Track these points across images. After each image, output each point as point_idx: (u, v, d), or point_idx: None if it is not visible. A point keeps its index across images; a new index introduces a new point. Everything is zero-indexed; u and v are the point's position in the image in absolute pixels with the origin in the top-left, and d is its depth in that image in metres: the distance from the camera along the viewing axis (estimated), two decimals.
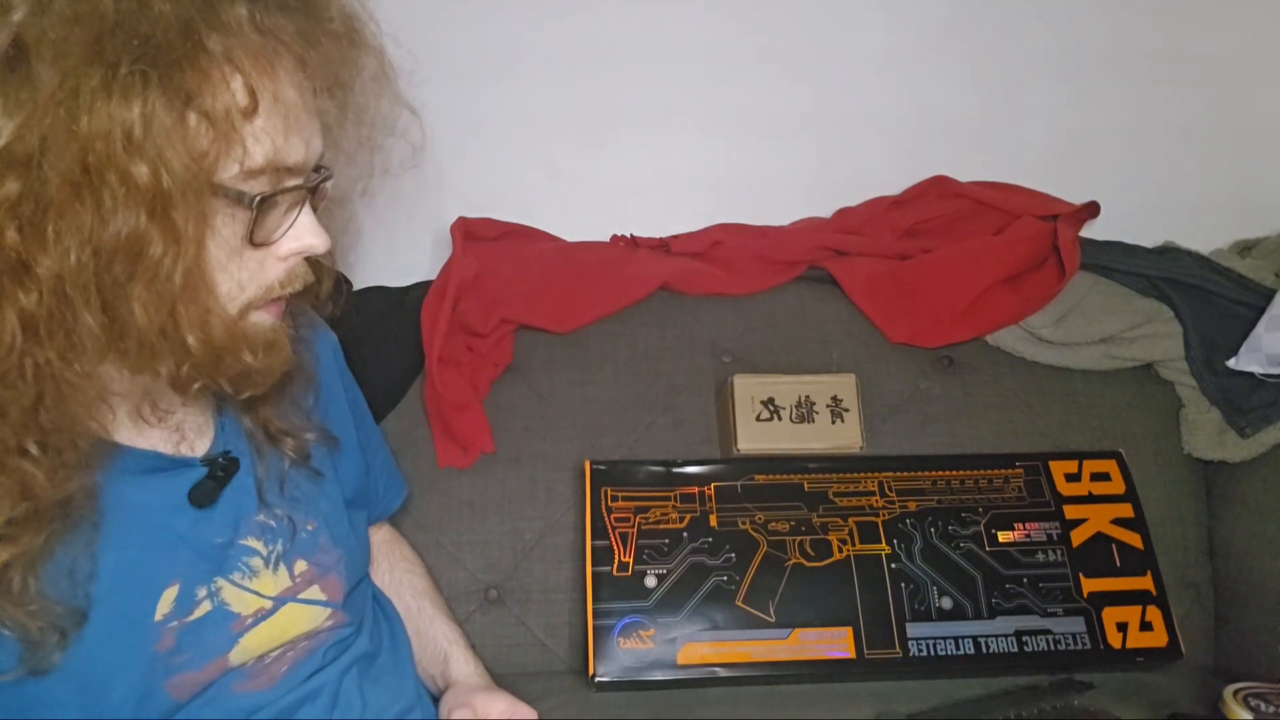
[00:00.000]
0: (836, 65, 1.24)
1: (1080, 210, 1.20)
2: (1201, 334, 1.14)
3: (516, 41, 1.20)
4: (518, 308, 1.13)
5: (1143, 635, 0.96)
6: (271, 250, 0.59)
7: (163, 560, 0.63)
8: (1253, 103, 1.27)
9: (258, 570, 0.69)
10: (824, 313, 1.19)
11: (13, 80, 0.48)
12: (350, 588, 0.78)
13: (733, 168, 1.27)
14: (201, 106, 0.51)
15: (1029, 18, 1.23)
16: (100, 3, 0.48)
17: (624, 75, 1.22)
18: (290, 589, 0.71)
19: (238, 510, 0.69)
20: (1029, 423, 1.13)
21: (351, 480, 0.85)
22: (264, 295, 0.60)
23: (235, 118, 0.52)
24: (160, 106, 0.49)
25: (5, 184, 0.48)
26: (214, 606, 0.66)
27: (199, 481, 0.66)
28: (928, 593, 0.96)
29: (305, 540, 0.73)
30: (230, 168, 0.54)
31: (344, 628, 0.77)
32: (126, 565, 0.61)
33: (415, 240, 1.24)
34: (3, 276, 0.50)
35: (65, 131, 0.48)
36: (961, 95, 1.25)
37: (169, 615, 0.63)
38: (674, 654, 0.92)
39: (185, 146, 0.51)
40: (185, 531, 0.65)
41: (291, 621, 0.71)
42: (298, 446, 0.74)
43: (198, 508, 0.66)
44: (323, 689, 0.73)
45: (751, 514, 0.99)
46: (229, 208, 0.55)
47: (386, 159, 0.74)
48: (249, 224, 0.56)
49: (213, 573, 0.66)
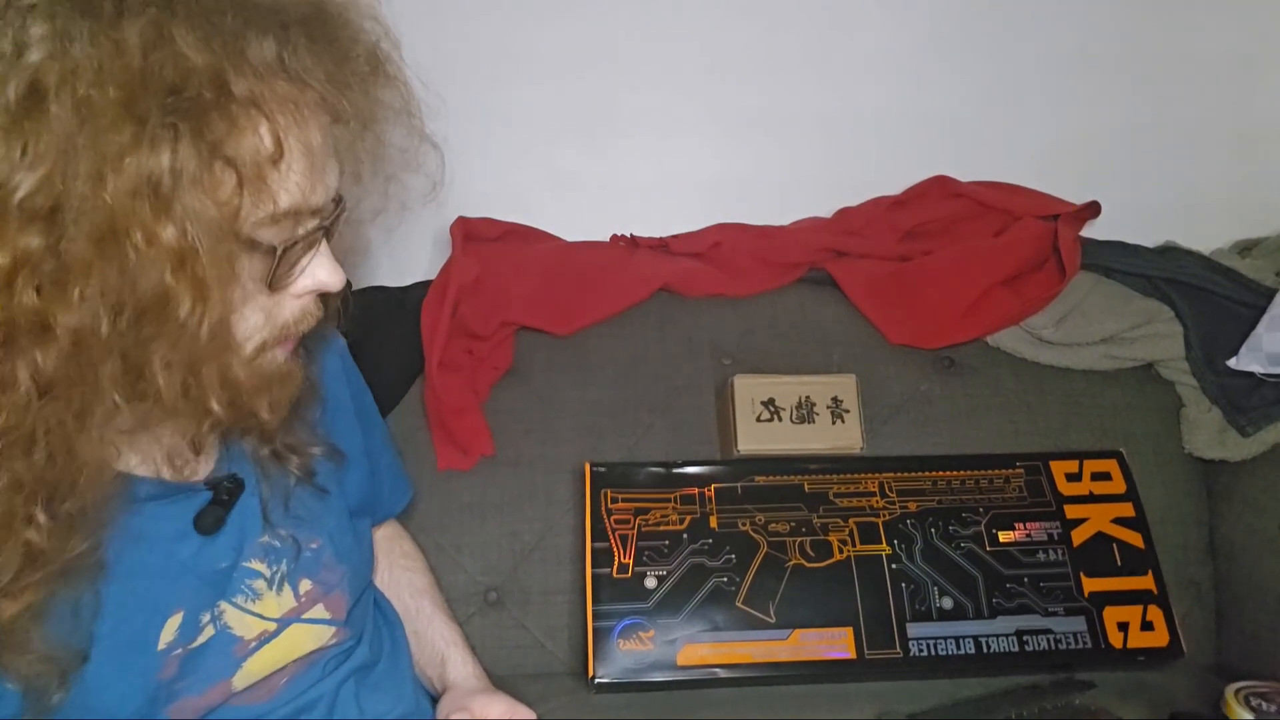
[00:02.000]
0: (837, 65, 1.24)
1: (1081, 210, 1.20)
2: (1202, 334, 1.13)
3: (517, 42, 1.20)
4: (518, 310, 1.13)
5: (1144, 634, 0.96)
6: (288, 290, 0.58)
7: (167, 589, 0.62)
8: (1253, 103, 1.27)
9: (261, 593, 0.68)
10: (824, 314, 1.19)
11: (30, 127, 0.45)
12: (354, 602, 0.77)
13: (733, 168, 1.27)
14: (228, 155, 0.49)
15: (1029, 18, 1.23)
16: (127, 52, 0.46)
17: (624, 75, 1.22)
18: (294, 609, 0.70)
19: (242, 533, 0.67)
20: (1029, 423, 1.12)
21: (357, 491, 0.84)
22: (278, 335, 0.59)
23: (263, 165, 0.51)
24: (188, 158, 0.47)
25: (26, 238, 0.45)
26: (217, 631, 0.65)
27: (204, 508, 0.64)
28: (928, 593, 0.96)
29: (309, 559, 0.72)
30: (255, 215, 0.52)
31: (346, 641, 0.76)
32: (130, 596, 0.60)
33: (415, 240, 1.24)
34: (20, 336, 0.47)
35: (92, 187, 0.45)
36: (961, 95, 1.25)
37: (173, 643, 0.62)
38: (674, 655, 0.92)
39: (213, 197, 0.49)
40: (189, 559, 0.64)
41: (296, 643, 0.70)
42: (303, 464, 0.72)
43: (203, 535, 0.64)
44: (320, 700, 0.72)
45: (752, 515, 0.99)
46: (251, 255, 0.53)
47: (405, 192, 0.72)
48: (270, 270, 0.54)
49: (216, 597, 0.65)
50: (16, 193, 0.45)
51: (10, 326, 0.47)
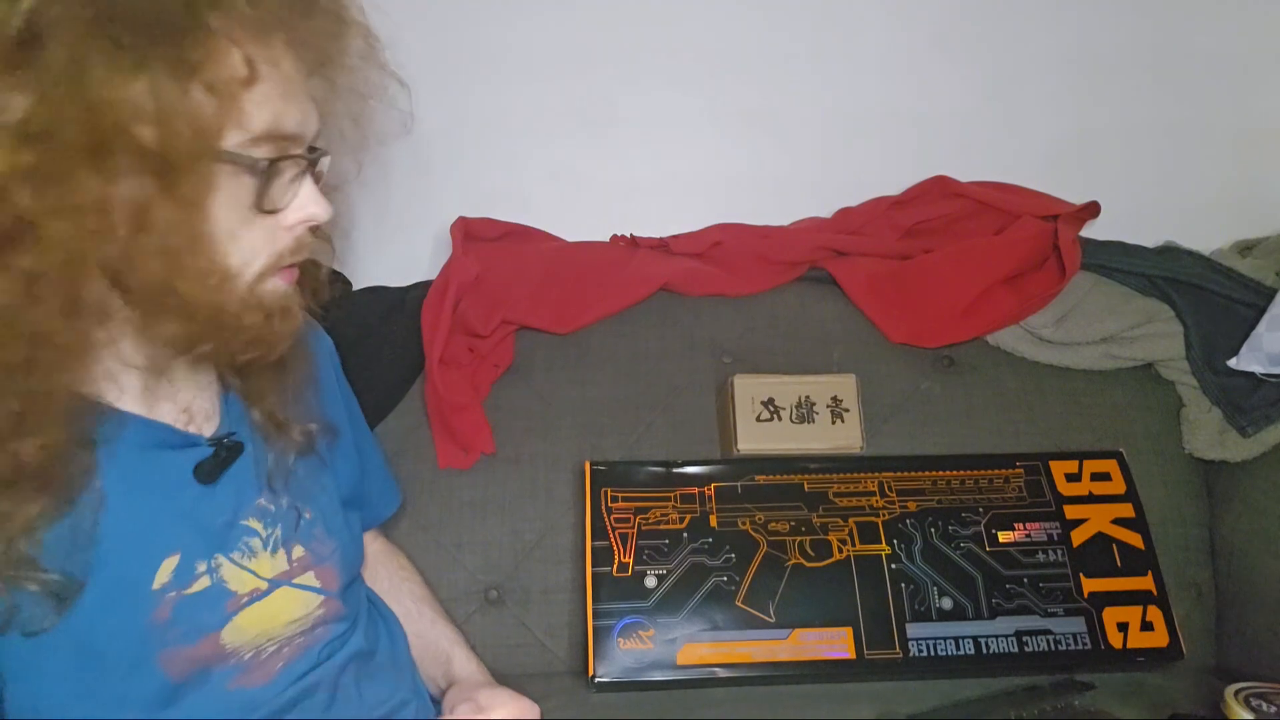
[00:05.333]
0: (837, 65, 1.24)
1: (1081, 210, 1.20)
2: (1202, 334, 1.13)
3: (517, 41, 1.20)
4: (518, 308, 1.13)
5: (1143, 635, 0.96)
6: (279, 220, 0.62)
7: (164, 531, 0.65)
8: (1253, 103, 1.27)
9: (256, 551, 0.71)
10: (824, 313, 1.19)
11: (25, 61, 0.51)
12: (345, 581, 0.79)
13: (733, 168, 1.27)
14: (204, 78, 0.54)
15: (1029, 18, 1.23)
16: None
17: (625, 75, 1.22)
18: (286, 573, 0.73)
19: (240, 492, 0.71)
20: (1029, 423, 1.12)
21: (348, 479, 0.86)
22: (275, 263, 0.63)
23: (236, 88, 0.56)
24: (165, 80, 0.53)
25: (21, 155, 0.52)
26: (212, 582, 0.67)
27: (204, 459, 0.68)
28: (928, 593, 0.96)
29: (304, 527, 0.75)
30: (234, 136, 0.57)
31: (339, 622, 0.77)
32: (129, 533, 0.63)
33: (415, 240, 1.24)
34: (15, 239, 0.53)
35: (76, 105, 0.51)
36: (962, 95, 1.25)
37: (167, 585, 0.65)
38: (674, 654, 0.92)
39: (190, 116, 0.54)
40: (188, 506, 0.67)
41: (284, 606, 0.72)
42: (304, 432, 0.77)
43: (202, 483, 0.68)
44: (320, 684, 0.74)
45: (751, 514, 0.99)
46: (236, 175, 0.58)
47: (379, 130, 0.77)
48: (256, 191, 0.59)
49: (214, 549, 0.68)
50: (11, 115, 0.51)
51: (4, 231, 0.52)
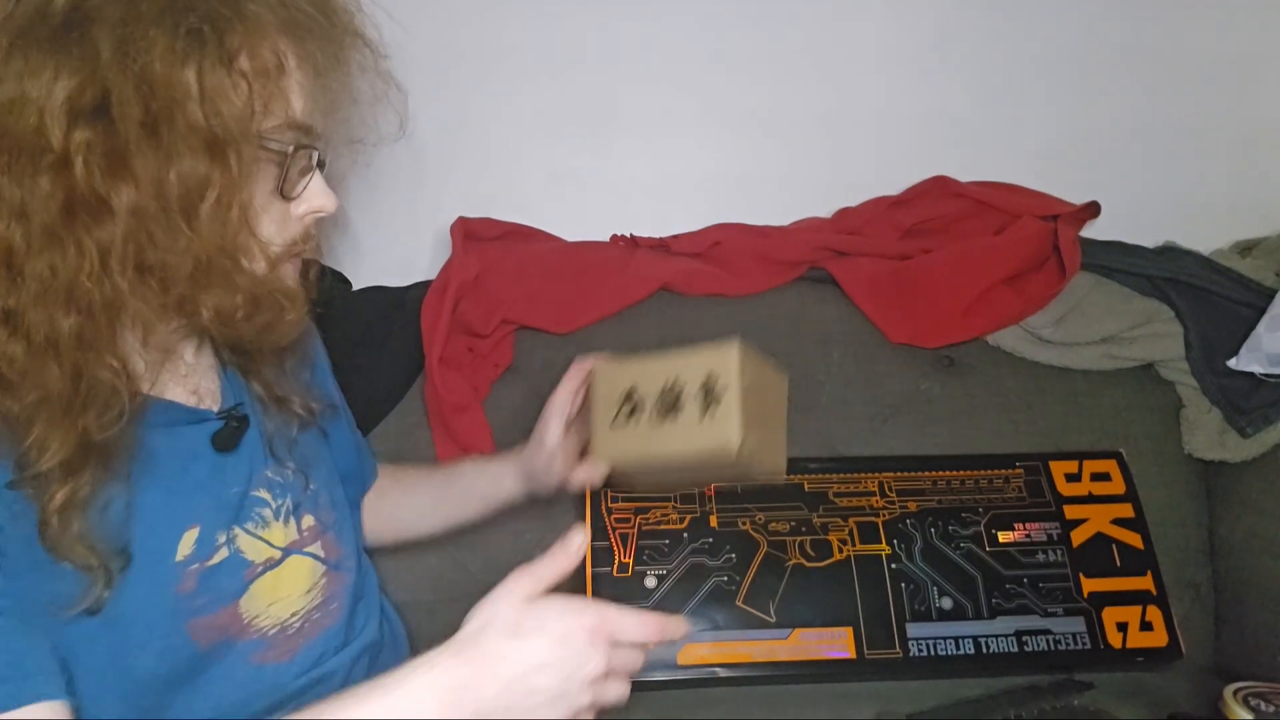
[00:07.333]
0: (837, 65, 1.24)
1: (1081, 210, 1.20)
2: (1202, 334, 1.13)
3: (517, 41, 1.19)
4: (518, 308, 1.13)
5: (1143, 635, 0.96)
6: (291, 209, 0.66)
7: (184, 503, 0.68)
8: (1253, 103, 1.27)
9: (268, 521, 0.73)
10: (824, 313, 1.19)
11: (69, 43, 0.54)
12: (344, 552, 0.81)
13: (733, 168, 1.27)
14: (243, 66, 0.58)
15: (1029, 18, 1.23)
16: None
17: (624, 75, 1.22)
18: (297, 542, 0.75)
19: (250, 463, 0.74)
20: (1029, 423, 1.12)
21: (343, 453, 0.90)
22: (288, 250, 0.67)
23: (269, 77, 0.60)
24: (212, 65, 0.57)
25: (76, 132, 0.55)
26: (230, 553, 0.69)
27: (219, 429, 0.72)
28: (928, 593, 0.96)
29: (310, 496, 0.78)
30: (268, 121, 0.61)
31: (351, 598, 0.80)
32: (152, 508, 0.65)
33: (415, 240, 1.24)
34: (83, 211, 0.56)
35: (133, 86, 0.55)
36: (961, 95, 1.25)
37: (190, 557, 0.66)
38: (674, 654, 0.92)
39: (233, 99, 0.58)
40: (204, 478, 0.70)
41: (296, 573, 0.75)
42: (305, 406, 0.80)
43: (220, 452, 0.71)
44: (334, 674, 0.76)
45: (752, 514, 0.99)
46: (265, 159, 0.62)
47: (376, 133, 0.80)
48: (279, 177, 0.63)
49: (230, 521, 0.70)
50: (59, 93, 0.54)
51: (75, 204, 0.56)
